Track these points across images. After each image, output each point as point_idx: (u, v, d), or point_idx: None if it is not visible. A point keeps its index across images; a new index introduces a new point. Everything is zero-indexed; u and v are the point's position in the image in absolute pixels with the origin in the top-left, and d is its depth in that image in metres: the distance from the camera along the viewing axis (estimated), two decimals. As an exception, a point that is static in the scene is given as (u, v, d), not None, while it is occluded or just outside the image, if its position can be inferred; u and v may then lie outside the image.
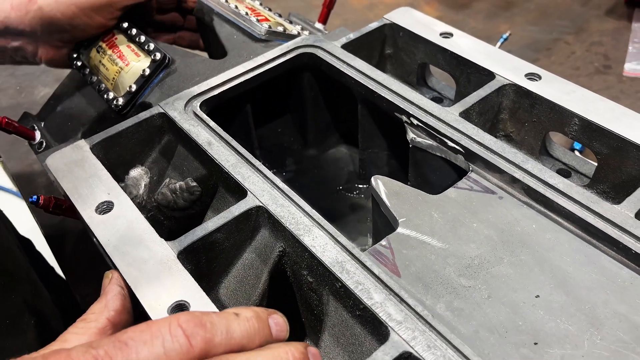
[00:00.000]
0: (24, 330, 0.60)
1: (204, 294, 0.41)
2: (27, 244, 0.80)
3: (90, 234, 0.49)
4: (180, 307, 0.41)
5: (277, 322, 0.37)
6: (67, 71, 0.77)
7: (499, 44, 0.98)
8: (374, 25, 0.69)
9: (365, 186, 0.74)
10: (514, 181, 0.49)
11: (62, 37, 0.68)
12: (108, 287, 0.40)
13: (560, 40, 1.08)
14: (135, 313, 0.43)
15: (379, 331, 0.39)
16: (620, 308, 0.41)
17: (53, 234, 0.83)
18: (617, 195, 0.54)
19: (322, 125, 0.76)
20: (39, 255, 0.81)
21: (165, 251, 0.45)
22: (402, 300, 0.40)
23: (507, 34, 0.98)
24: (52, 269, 0.81)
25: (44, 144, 0.70)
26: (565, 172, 0.60)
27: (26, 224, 0.84)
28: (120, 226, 0.47)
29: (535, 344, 0.39)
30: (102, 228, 0.47)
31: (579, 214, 0.46)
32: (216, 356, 0.33)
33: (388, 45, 0.71)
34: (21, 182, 0.92)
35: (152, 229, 0.46)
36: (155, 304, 0.41)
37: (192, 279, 0.42)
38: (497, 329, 0.40)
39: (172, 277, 0.43)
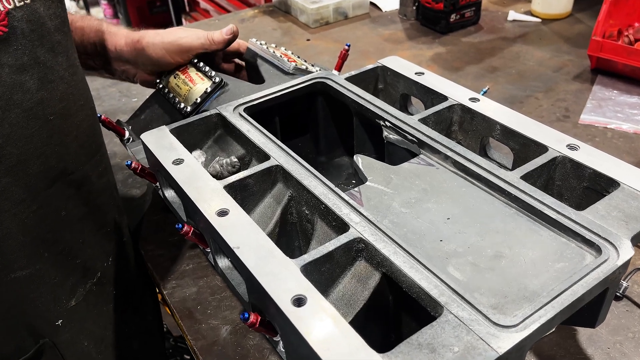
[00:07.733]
0: None
1: (239, 207, 0.66)
2: None
3: (165, 181, 0.76)
4: (223, 212, 0.66)
5: None
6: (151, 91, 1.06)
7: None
8: (370, 66, 0.97)
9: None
10: (446, 158, 0.74)
11: (153, 68, 0.99)
12: None
13: (531, 96, 1.34)
14: (194, 217, 0.68)
15: (344, 229, 0.63)
16: (499, 226, 0.64)
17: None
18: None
19: (330, 139, 1.02)
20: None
21: (216, 185, 0.70)
22: (360, 213, 0.64)
23: (486, 88, 1.23)
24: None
25: (131, 139, 0.98)
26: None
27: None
28: (188, 172, 0.73)
29: (441, 240, 0.62)
30: (176, 172, 0.73)
31: (485, 175, 0.70)
32: None
33: (380, 82, 0.98)
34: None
35: (208, 173, 0.72)
36: (209, 209, 0.66)
37: (232, 199, 0.67)
38: (418, 233, 0.64)
39: (219, 198, 0.68)
